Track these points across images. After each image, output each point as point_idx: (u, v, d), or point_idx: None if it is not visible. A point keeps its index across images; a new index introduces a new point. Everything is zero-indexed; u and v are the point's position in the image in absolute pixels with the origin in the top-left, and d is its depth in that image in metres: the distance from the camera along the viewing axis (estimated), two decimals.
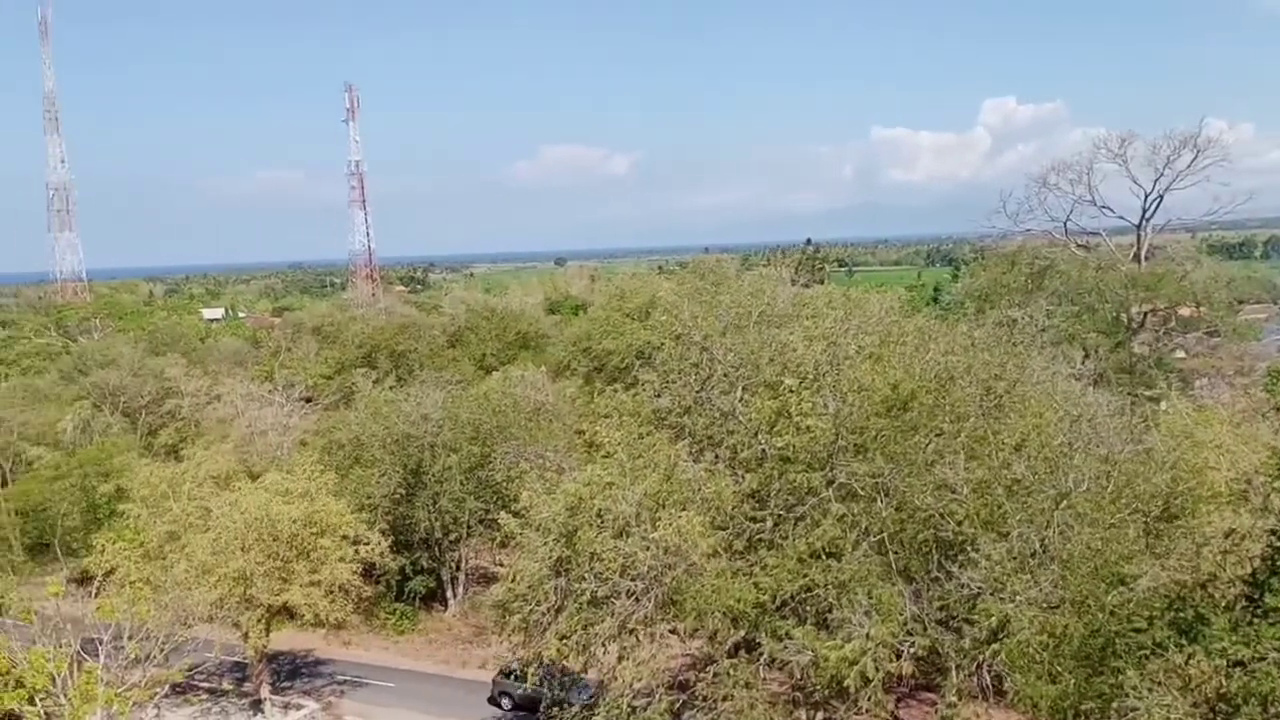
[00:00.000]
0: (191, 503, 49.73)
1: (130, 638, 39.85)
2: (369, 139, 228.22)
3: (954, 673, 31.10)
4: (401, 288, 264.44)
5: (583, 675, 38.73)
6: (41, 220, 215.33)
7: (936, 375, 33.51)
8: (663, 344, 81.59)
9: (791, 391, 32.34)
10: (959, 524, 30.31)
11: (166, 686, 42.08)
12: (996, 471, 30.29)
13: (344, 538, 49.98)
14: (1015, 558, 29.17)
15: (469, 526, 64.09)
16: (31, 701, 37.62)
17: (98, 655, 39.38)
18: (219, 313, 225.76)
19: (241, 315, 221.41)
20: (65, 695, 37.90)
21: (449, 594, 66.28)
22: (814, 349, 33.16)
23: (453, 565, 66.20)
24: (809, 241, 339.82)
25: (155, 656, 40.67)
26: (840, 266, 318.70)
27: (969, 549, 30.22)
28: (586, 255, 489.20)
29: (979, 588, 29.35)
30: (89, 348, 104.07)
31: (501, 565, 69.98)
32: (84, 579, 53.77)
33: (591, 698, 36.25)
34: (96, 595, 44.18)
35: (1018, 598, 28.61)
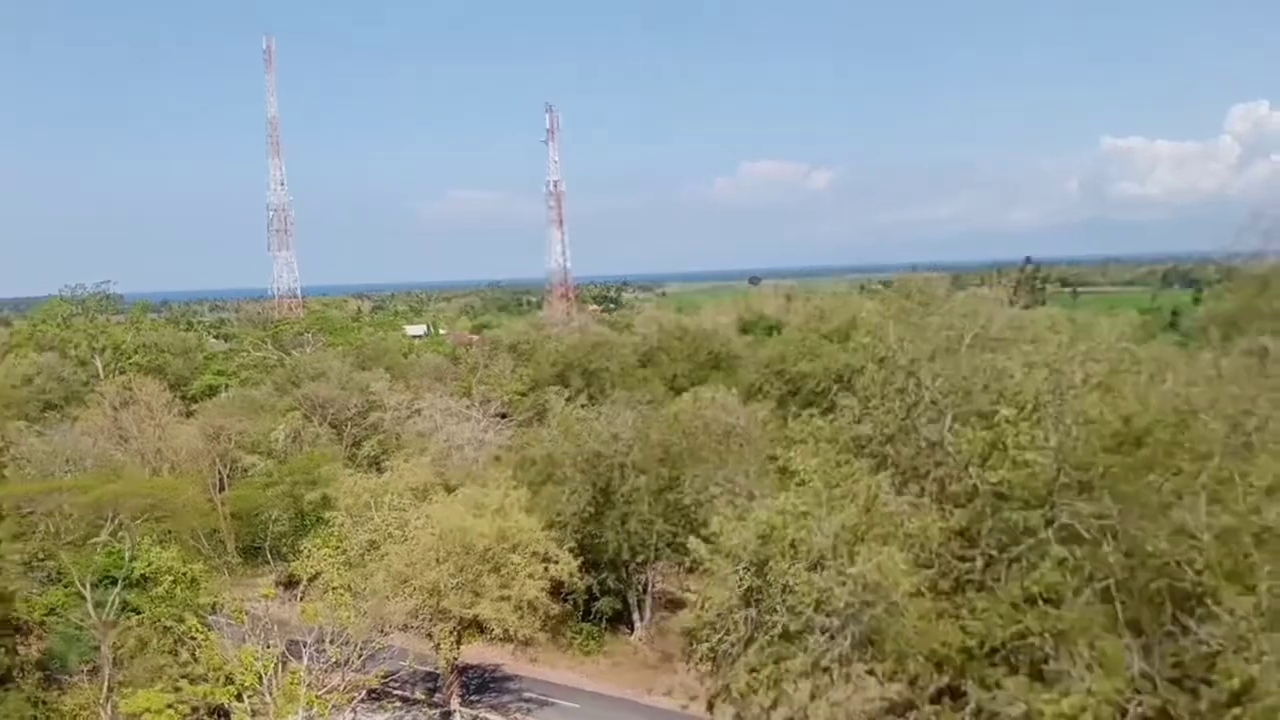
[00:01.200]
0: (391, 514, 50.85)
1: (331, 642, 40.93)
2: (566, 159, 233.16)
3: None
4: (595, 306, 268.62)
5: None
6: (262, 239, 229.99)
7: (1175, 409, 30.54)
8: (863, 367, 79.67)
9: (1009, 422, 30.08)
10: (1199, 574, 27.37)
11: (363, 692, 43.01)
12: (1244, 518, 27.20)
13: (534, 554, 50.14)
14: (1264, 614, 26.06)
15: (657, 549, 63.49)
16: (239, 698, 38.99)
17: (301, 657, 40.57)
18: (421, 329, 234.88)
19: (442, 332, 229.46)
20: (270, 694, 39.11)
21: (635, 617, 65.82)
22: (1035, 377, 30.81)
23: (639, 588, 65.75)
24: (1028, 260, 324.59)
25: (354, 661, 41.64)
26: (1064, 287, 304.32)
27: (1209, 602, 27.27)
28: (783, 274, 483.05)
29: (1220, 645, 26.39)
30: (301, 361, 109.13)
31: (689, 591, 69.28)
32: (290, 582, 55.74)
33: None
34: (302, 599, 45.65)
35: (1265, 658, 25.55)
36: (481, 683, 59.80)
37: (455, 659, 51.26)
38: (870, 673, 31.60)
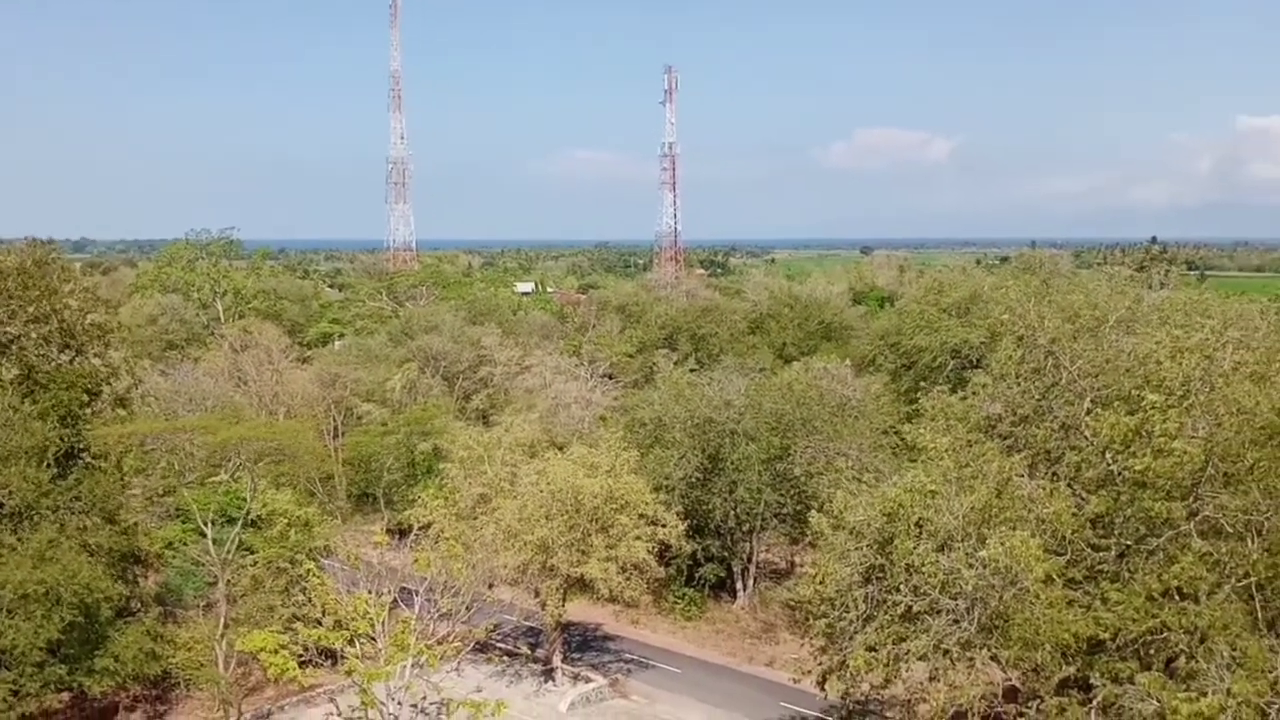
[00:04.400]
0: (504, 468, 51.09)
1: (442, 593, 41.14)
2: (681, 122, 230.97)
3: None
4: (701, 270, 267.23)
5: None
6: (377, 192, 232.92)
7: None
8: (992, 343, 77.30)
9: (1155, 409, 28.62)
10: None
11: (471, 643, 43.31)
12: None
13: (642, 517, 50.00)
14: None
15: (763, 519, 62.88)
16: (351, 643, 39.47)
17: (410, 605, 40.89)
18: (529, 287, 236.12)
19: (550, 290, 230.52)
20: (381, 641, 39.51)
21: (738, 585, 65.36)
22: (1186, 362, 29.23)
23: (744, 557, 65.22)
24: (1154, 240, 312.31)
25: (462, 613, 41.88)
26: (1190, 269, 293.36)
27: None
28: (896, 244, 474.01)
29: None
30: (415, 313, 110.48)
31: (803, 565, 68.59)
32: (399, 531, 56.45)
33: None
34: (412, 548, 46.08)
35: None
36: (583, 641, 60.06)
37: (560, 616, 51.45)
38: (994, 658, 30.68)
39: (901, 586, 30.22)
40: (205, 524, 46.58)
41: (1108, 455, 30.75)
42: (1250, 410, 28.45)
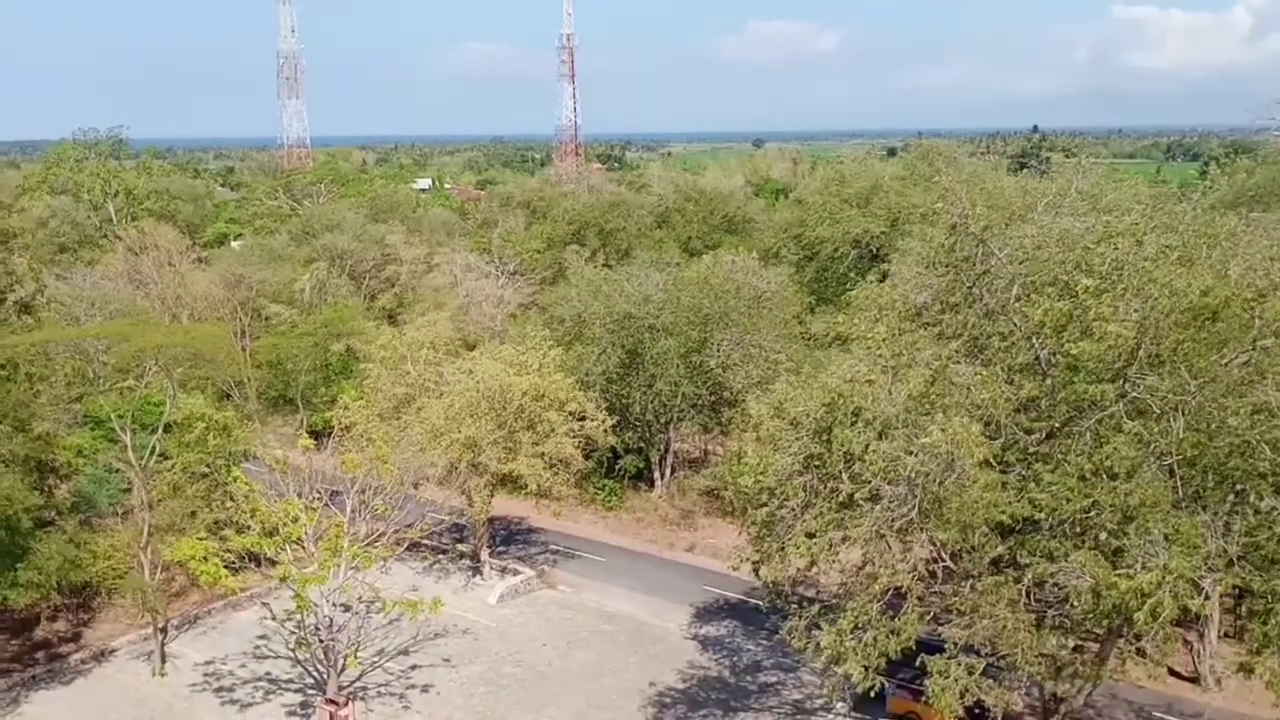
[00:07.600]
0: (428, 368, 50.49)
1: (373, 494, 40.73)
2: (578, 12, 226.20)
3: (1266, 617, 28.37)
4: (599, 165, 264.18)
5: None
6: (267, 88, 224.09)
7: (1253, 284, 29.83)
8: (884, 232, 78.46)
9: (1088, 293, 29.25)
10: (1277, 453, 27.09)
11: (406, 543, 43.16)
12: None
13: (570, 413, 50.09)
14: None
15: (680, 411, 63.61)
16: (282, 548, 39.01)
17: (336, 508, 40.42)
18: (427, 183, 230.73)
19: (448, 187, 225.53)
20: (314, 545, 39.13)
21: (656, 475, 66.36)
22: (1120, 246, 29.86)
23: (661, 447, 66.12)
24: (1035, 129, 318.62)
25: (394, 514, 41.62)
26: (1068, 157, 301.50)
27: None
28: (787, 137, 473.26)
29: None
30: (316, 212, 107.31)
31: (709, 451, 69.80)
32: (315, 433, 55.55)
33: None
34: (336, 451, 45.38)
35: None
36: (508, 535, 60.54)
37: (487, 512, 51.61)
38: (932, 541, 31.59)
39: (841, 474, 30.71)
40: (123, 431, 45.20)
41: (1035, 340, 31.46)
42: (1179, 292, 29.16)
